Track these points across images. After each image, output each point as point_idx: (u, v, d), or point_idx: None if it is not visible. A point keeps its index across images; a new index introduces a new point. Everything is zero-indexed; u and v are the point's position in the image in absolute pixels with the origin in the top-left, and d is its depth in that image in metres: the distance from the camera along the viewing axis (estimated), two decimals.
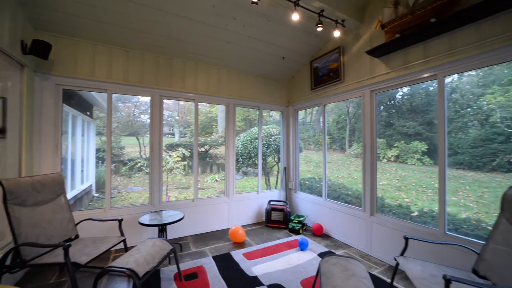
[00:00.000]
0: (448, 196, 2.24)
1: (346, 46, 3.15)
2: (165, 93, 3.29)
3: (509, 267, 1.47)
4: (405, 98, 10.96)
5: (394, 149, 9.81)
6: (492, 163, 7.76)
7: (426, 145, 8.18)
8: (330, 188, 4.65)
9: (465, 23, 1.95)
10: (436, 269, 1.73)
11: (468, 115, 8.87)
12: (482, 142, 8.19)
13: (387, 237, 2.61)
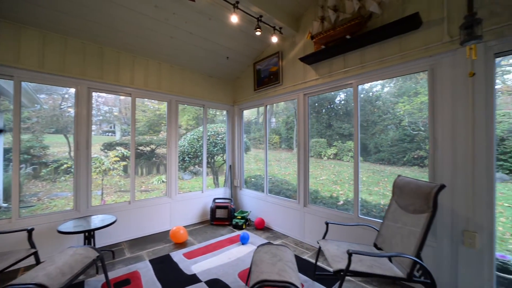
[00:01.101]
0: (361, 186, 2.67)
1: (284, 52, 3.40)
2: (94, 85, 2.95)
3: (394, 237, 1.87)
4: (342, 103, 12.36)
5: (333, 148, 10.99)
6: (403, 159, 9.44)
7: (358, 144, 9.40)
8: (273, 184, 4.94)
9: (371, 42, 2.36)
10: (348, 246, 2.06)
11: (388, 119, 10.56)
12: (397, 142, 9.89)
13: (317, 224, 2.95)
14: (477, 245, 1.75)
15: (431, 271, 1.98)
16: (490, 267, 1.73)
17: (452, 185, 1.88)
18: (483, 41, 1.72)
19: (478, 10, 1.76)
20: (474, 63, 1.76)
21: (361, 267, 1.70)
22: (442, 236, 1.95)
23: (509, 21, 1.65)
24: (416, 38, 2.10)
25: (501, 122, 7.28)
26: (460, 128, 1.84)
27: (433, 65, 2.00)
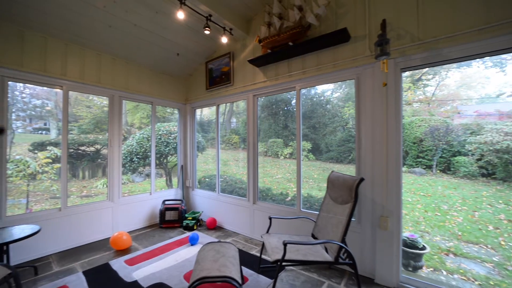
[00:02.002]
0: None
1: (235, 53, 3.46)
2: (12, 73, 2.52)
3: (327, 226, 2.09)
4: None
5: (289, 148, 11.55)
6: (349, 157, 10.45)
7: (311, 144, 10.13)
8: (228, 183, 4.97)
9: (310, 50, 2.59)
10: (289, 238, 2.22)
11: (336, 122, 11.56)
12: (343, 142, 10.91)
13: (265, 220, 3.09)
14: (389, 227, 2.08)
15: (357, 253, 2.29)
16: (398, 244, 2.08)
17: (372, 178, 2.20)
18: (392, 58, 2.06)
19: (389, 32, 2.11)
20: (387, 75, 2.10)
21: (297, 256, 1.86)
22: (365, 222, 2.26)
23: (410, 43, 2.02)
24: (346, 50, 2.39)
25: (420, 126, 8.65)
26: (377, 130, 2.17)
27: (359, 75, 2.31)
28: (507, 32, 1.66)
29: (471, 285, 3.10)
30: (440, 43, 1.89)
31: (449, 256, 3.78)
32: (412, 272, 2.89)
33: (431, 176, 7.59)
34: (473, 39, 1.77)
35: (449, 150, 7.60)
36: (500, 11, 1.69)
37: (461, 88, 13.46)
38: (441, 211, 5.29)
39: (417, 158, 8.38)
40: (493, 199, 5.45)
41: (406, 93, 12.86)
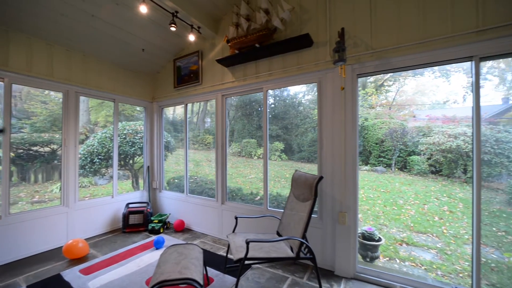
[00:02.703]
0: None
1: (204, 52, 3.41)
2: None
3: (290, 223, 2.17)
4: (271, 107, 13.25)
5: (262, 148, 11.61)
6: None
7: (283, 144, 10.37)
8: (197, 184, 4.87)
9: (276, 53, 2.67)
10: (254, 237, 2.25)
11: (307, 123, 11.98)
12: (314, 142, 11.35)
13: (233, 220, 3.09)
14: (347, 222, 2.24)
15: (319, 247, 2.41)
16: (354, 237, 2.24)
17: (332, 176, 2.34)
18: (349, 64, 2.22)
19: (347, 40, 2.27)
20: (345, 80, 2.25)
21: (260, 254, 1.91)
22: (326, 218, 2.39)
23: (364, 51, 2.19)
24: (309, 54, 2.51)
25: (381, 128, 9.34)
26: (337, 131, 2.31)
27: (321, 78, 2.44)
28: (442, 47, 1.89)
29: (419, 270, 3.46)
30: (389, 53, 2.09)
31: (402, 246, 4.17)
32: (370, 262, 3.14)
33: (390, 174, 8.30)
34: (413, 51, 1.98)
35: (405, 150, 8.38)
36: (436, 28, 1.92)
37: (417, 95, 14.90)
38: (397, 206, 5.81)
39: (379, 158, 9.09)
40: (439, 193, 6.15)
41: (370, 98, 13.84)
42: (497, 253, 3.73)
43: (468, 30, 1.81)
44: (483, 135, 5.92)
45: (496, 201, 5.39)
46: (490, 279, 3.22)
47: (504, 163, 5.58)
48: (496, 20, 1.73)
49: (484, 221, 4.82)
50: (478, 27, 1.78)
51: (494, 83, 10.25)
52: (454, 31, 1.85)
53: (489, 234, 4.40)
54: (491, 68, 10.21)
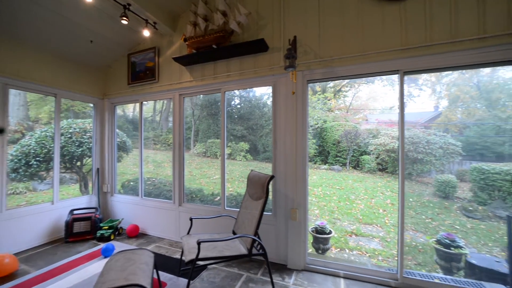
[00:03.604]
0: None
1: (161, 49, 3.29)
2: None
3: (244, 221, 2.23)
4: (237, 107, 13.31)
5: (227, 148, 11.61)
6: None
7: (249, 145, 10.46)
8: (155, 186, 4.65)
9: (234, 55, 2.71)
10: (209, 237, 2.26)
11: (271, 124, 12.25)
12: None
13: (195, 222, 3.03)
14: (298, 218, 2.39)
15: (273, 243, 2.53)
16: (305, 232, 2.41)
17: (285, 175, 2.48)
18: (300, 70, 2.39)
19: (299, 47, 2.43)
20: (296, 85, 2.41)
21: (213, 253, 1.92)
22: (280, 215, 2.52)
23: (313, 59, 2.38)
24: (265, 58, 2.61)
25: (338, 130, 10.07)
26: (289, 132, 2.46)
27: (275, 82, 2.56)
28: (375, 60, 2.16)
29: (364, 257, 3.87)
30: (334, 62, 2.30)
31: (352, 237, 4.60)
32: (322, 254, 3.40)
33: (345, 172, 9.05)
34: (354, 62, 2.23)
35: (358, 150, 9.25)
36: (371, 44, 2.19)
37: (369, 100, 16.44)
38: (349, 201, 6.38)
39: (336, 157, 9.85)
40: (384, 188, 6.93)
41: (330, 102, 14.82)
42: (424, 237, 4.38)
43: (395, 48, 2.10)
44: (417, 137, 6.87)
45: (426, 193, 6.30)
46: (417, 259, 3.77)
47: (432, 161, 6.56)
48: (417, 40, 2.06)
49: (417, 211, 5.61)
50: (403, 45, 2.09)
51: (428, 93, 11.92)
52: (385, 47, 2.14)
53: (419, 221, 5.14)
54: (426, 80, 11.87)
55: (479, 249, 4.11)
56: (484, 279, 2.61)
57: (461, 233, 4.64)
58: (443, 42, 1.98)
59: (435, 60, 2.01)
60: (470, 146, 7.18)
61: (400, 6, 2.11)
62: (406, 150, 6.97)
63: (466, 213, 5.21)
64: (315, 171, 9.29)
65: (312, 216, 5.67)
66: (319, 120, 9.90)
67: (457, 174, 6.71)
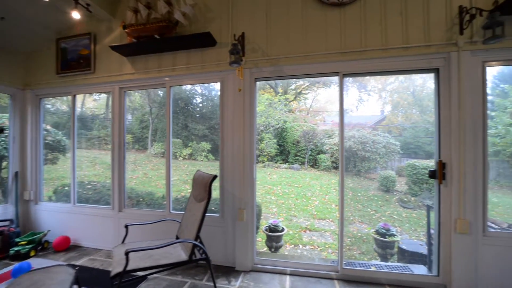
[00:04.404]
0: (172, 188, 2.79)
1: (99, 35, 2.91)
2: None
3: (187, 225, 2.09)
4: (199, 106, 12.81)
5: (188, 148, 11.09)
6: None
7: (210, 145, 10.15)
8: (96, 191, 4.14)
9: (180, 48, 2.54)
10: (148, 245, 2.04)
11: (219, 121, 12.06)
12: None
13: (134, 229, 2.75)
14: (245, 218, 2.34)
15: (221, 246, 2.43)
16: (252, 232, 2.38)
17: (233, 174, 2.41)
18: (248, 67, 2.35)
19: (247, 44, 2.38)
20: (243, 82, 2.36)
21: (147, 263, 1.74)
22: (227, 216, 2.44)
23: (261, 57, 2.36)
24: (213, 53, 2.50)
25: (297, 130, 10.46)
26: (237, 131, 2.40)
27: (223, 79, 2.47)
28: (319, 61, 2.24)
29: (315, 251, 4.05)
30: (281, 61, 2.32)
31: (306, 233, 4.78)
32: (275, 251, 3.43)
33: (304, 171, 9.47)
34: (299, 62, 2.27)
35: (315, 149, 9.76)
36: (315, 45, 2.26)
37: (327, 103, 17.52)
38: (306, 198, 6.66)
39: (296, 156, 10.23)
40: (337, 185, 7.41)
41: (291, 103, 15.34)
42: (372, 227, 4.79)
43: (335, 50, 2.21)
44: (365, 138, 7.53)
45: (372, 188, 6.95)
46: (361, 248, 4.10)
47: (377, 159, 7.26)
48: (354, 45, 2.19)
49: (363, 204, 6.14)
50: (342, 49, 2.20)
51: (376, 98, 13.24)
52: (327, 50, 2.23)
53: (365, 214, 5.63)
54: (374, 87, 13.17)
55: (411, 234, 4.67)
56: (412, 261, 2.94)
57: (398, 222, 5.22)
58: (375, 48, 2.14)
59: (369, 64, 2.17)
60: (407, 146, 8.19)
61: (340, 12, 2.22)
62: (356, 149, 7.60)
63: (402, 204, 5.90)
64: (276, 170, 9.50)
65: (270, 215, 5.75)
66: (279, 120, 10.15)
67: (396, 170, 7.58)
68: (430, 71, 2.12)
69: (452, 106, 2.00)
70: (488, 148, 2.01)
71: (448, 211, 2.02)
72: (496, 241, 1.96)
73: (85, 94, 3.04)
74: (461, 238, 1.97)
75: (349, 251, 4.07)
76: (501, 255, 1.94)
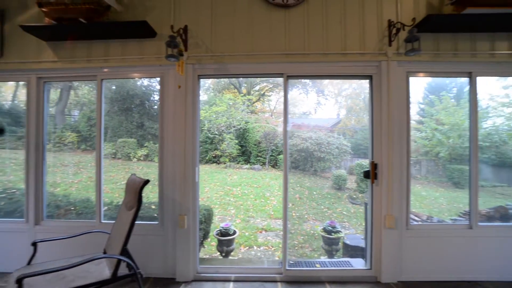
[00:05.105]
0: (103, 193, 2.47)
1: (8, 12, 2.41)
2: None
3: (115, 237, 1.84)
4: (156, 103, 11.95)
5: (144, 149, 10.28)
6: (206, 158, 10.84)
7: None
8: (11, 199, 3.47)
9: (113, 36, 2.25)
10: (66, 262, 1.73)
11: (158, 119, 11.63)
12: (201, 143, 11.28)
13: (53, 245, 2.33)
14: (186, 225, 2.18)
15: (161, 256, 2.22)
16: (194, 239, 2.22)
17: (173, 177, 2.22)
18: (190, 63, 2.20)
19: (190, 38, 2.23)
20: (186, 79, 2.20)
21: (55, 287, 1.46)
22: (167, 223, 2.24)
23: (205, 53, 2.23)
24: (153, 46, 2.28)
25: (259, 131, 10.49)
26: (178, 130, 2.22)
27: (163, 74, 2.27)
28: (265, 61, 2.21)
29: (269, 251, 4.07)
30: (226, 59, 2.22)
31: (262, 233, 4.79)
32: (225, 256, 3.32)
33: (264, 171, 9.57)
34: (245, 61, 2.21)
35: (276, 150, 9.97)
36: (261, 44, 2.22)
37: (291, 105, 18.11)
38: (265, 198, 6.71)
39: (257, 157, 10.30)
40: (295, 184, 7.66)
41: (256, 104, 15.43)
42: (321, 225, 5.03)
43: (280, 52, 2.20)
44: (321, 139, 7.94)
45: (326, 186, 7.36)
46: (313, 245, 4.26)
47: (331, 159, 7.72)
48: (298, 47, 2.21)
49: (318, 202, 6.45)
50: (286, 50, 2.21)
51: (332, 103, 14.14)
52: (272, 50, 2.21)
53: (319, 211, 5.92)
54: (329, 92, 14.06)
55: (357, 229, 5.05)
56: (354, 256, 3.14)
57: (347, 217, 5.60)
58: (317, 52, 2.20)
59: (312, 67, 2.22)
60: (357, 147, 8.91)
61: (285, 14, 2.23)
62: (312, 150, 7.96)
63: (351, 200, 6.37)
64: (237, 171, 9.41)
65: (228, 217, 5.63)
66: (241, 121, 10.09)
67: (348, 169, 8.19)
68: (365, 77, 2.27)
69: (383, 111, 2.16)
70: (420, 149, 2.23)
71: (379, 208, 2.17)
72: (416, 233, 2.18)
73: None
74: (389, 232, 2.14)
75: (301, 249, 4.20)
76: (420, 244, 2.17)
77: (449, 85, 7.13)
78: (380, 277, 2.15)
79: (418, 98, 8.42)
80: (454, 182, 6.37)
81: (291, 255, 3.98)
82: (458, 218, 2.94)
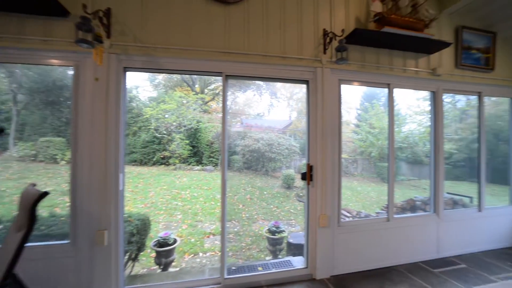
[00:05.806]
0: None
1: None
2: None
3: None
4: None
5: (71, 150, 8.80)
6: (153, 159, 9.96)
7: None
8: None
9: (7, 9, 1.77)
10: None
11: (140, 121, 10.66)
12: (148, 143, 10.31)
13: None
14: (106, 241, 1.86)
15: (73, 284, 1.85)
16: (116, 256, 1.92)
17: (89, 186, 1.88)
18: (114, 53, 1.89)
19: (114, 24, 1.92)
20: (108, 71, 1.88)
21: None
22: (82, 242, 1.88)
23: (133, 43, 1.95)
24: (65, 28, 1.88)
25: (211, 132, 10.18)
26: (98, 131, 1.89)
27: (79, 63, 1.90)
28: (201, 58, 2.06)
29: (215, 257, 3.91)
30: (158, 52, 1.99)
31: (209, 238, 4.59)
32: (164, 269, 3.03)
33: (217, 172, 9.32)
34: (180, 55, 2.02)
35: (229, 150, 9.84)
36: (200, 40, 2.06)
37: (246, 107, 18.17)
38: (215, 200, 6.49)
39: (210, 158, 9.97)
40: (246, 185, 7.67)
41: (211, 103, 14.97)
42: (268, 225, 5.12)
43: (219, 49, 2.09)
44: (272, 140, 8.16)
45: (276, 186, 7.59)
46: (260, 246, 4.29)
47: (281, 159, 8.01)
48: (238, 47, 2.13)
49: (268, 202, 6.58)
50: (226, 48, 2.10)
51: (285, 105, 14.75)
52: (210, 47, 2.07)
53: (268, 211, 6.04)
54: (281, 94, 14.64)
55: (302, 225, 5.33)
56: (296, 254, 3.24)
57: (294, 215, 5.86)
58: (258, 53, 2.16)
59: (252, 68, 2.17)
60: (305, 147, 9.50)
61: (225, 10, 2.12)
62: (264, 150, 8.11)
63: (298, 198, 6.70)
64: (188, 172, 8.93)
65: (173, 223, 5.23)
66: (192, 120, 9.62)
67: (297, 168, 8.63)
68: (303, 82, 2.34)
69: (318, 115, 2.26)
70: (357, 149, 2.40)
71: (314, 208, 2.27)
72: (346, 229, 2.35)
73: None
74: (323, 231, 2.26)
75: (249, 250, 4.17)
76: (349, 239, 2.35)
77: (379, 94, 8.23)
78: (315, 274, 2.24)
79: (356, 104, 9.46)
80: (382, 178, 7.36)
81: (238, 258, 3.91)
82: (381, 211, 3.34)
